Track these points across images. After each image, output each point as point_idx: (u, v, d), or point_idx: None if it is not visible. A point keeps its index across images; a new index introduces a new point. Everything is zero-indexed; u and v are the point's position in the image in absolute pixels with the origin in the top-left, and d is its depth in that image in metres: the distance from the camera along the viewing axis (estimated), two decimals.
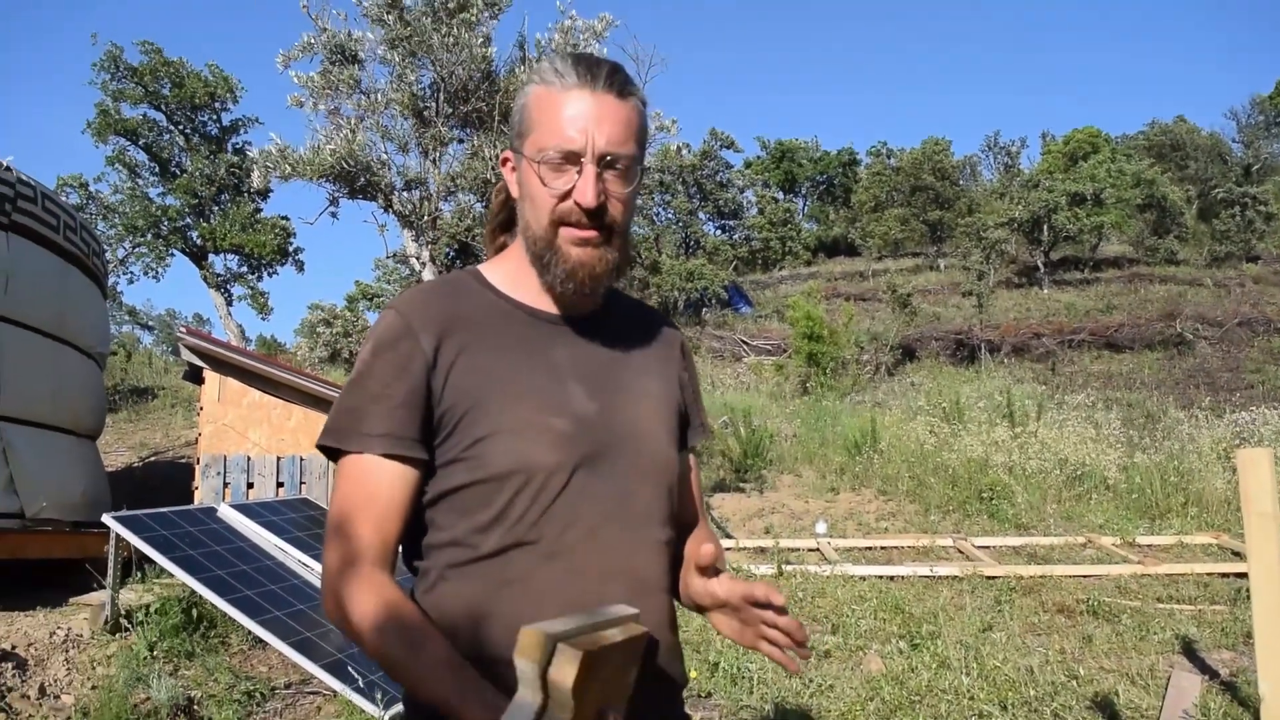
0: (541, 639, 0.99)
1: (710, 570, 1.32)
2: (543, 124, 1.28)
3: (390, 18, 9.84)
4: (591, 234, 1.29)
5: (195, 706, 4.44)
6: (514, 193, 1.38)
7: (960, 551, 8.29)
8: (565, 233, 1.29)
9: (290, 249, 25.53)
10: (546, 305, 1.38)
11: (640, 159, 1.33)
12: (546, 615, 1.20)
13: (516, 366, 1.30)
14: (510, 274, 1.40)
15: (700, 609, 1.40)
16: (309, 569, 5.58)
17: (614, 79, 1.29)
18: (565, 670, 0.98)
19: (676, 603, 1.44)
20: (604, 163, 1.27)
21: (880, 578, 7.26)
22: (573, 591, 1.24)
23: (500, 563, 1.25)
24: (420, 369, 1.26)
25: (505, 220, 1.50)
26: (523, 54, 10.89)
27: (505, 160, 1.40)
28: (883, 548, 8.60)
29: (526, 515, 1.24)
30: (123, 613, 5.22)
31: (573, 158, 1.26)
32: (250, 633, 4.80)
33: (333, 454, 1.30)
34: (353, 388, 1.29)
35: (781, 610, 1.24)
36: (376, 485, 1.25)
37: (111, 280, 22.00)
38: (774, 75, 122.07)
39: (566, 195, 1.27)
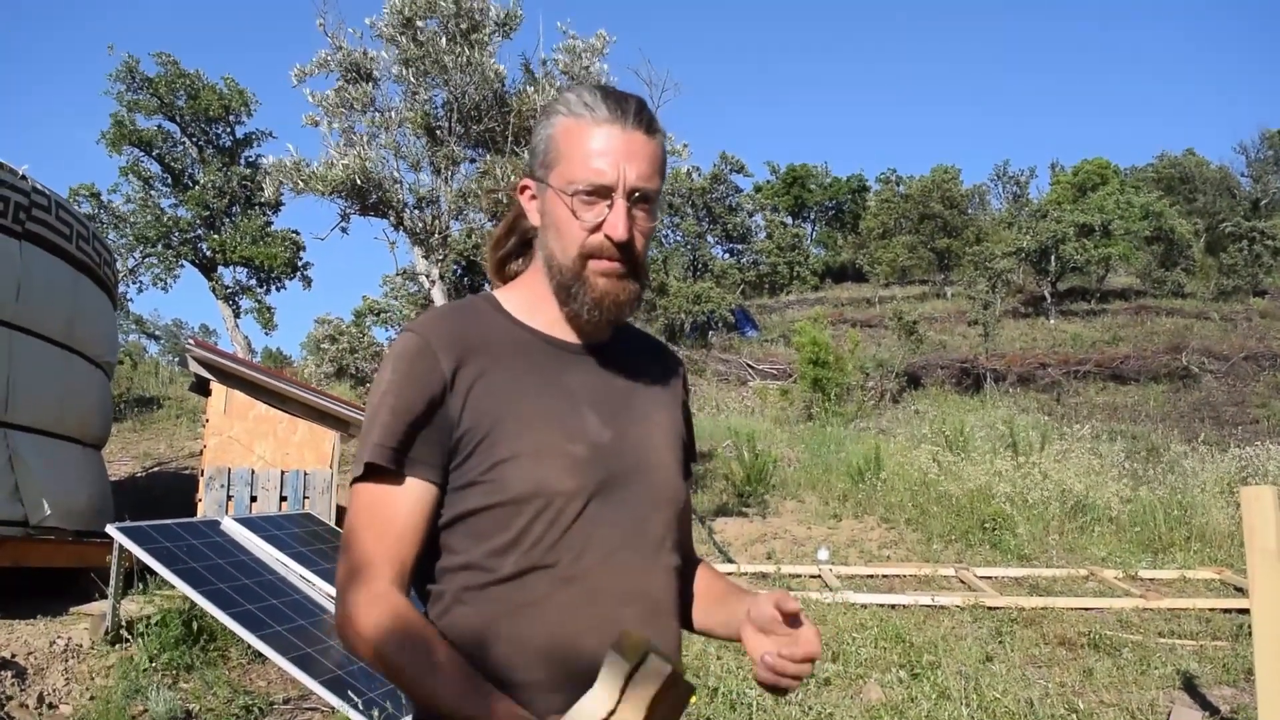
0: (643, 642, 1.00)
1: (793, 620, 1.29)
2: (573, 156, 1.30)
3: (404, 38, 9.92)
4: (619, 267, 1.31)
5: None
6: (534, 221, 1.39)
7: (962, 581, 8.27)
8: (594, 264, 1.31)
9: (300, 263, 25.62)
10: (560, 333, 1.39)
11: (660, 192, 1.36)
12: (563, 639, 1.23)
13: (533, 392, 1.32)
14: (525, 301, 1.41)
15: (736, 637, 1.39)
16: (311, 584, 5.58)
17: (642, 116, 1.32)
18: (650, 681, 0.99)
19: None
20: (633, 197, 1.30)
21: (881, 606, 7.25)
22: (589, 615, 1.26)
23: (516, 586, 1.25)
24: (439, 387, 1.27)
25: (514, 247, 1.51)
26: (530, 75, 10.95)
27: (524, 188, 1.41)
28: (884, 576, 8.58)
29: (544, 539, 1.25)
30: (123, 623, 5.23)
31: (604, 191, 1.28)
32: (250, 647, 4.81)
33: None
34: (373, 411, 1.29)
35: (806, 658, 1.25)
36: (390, 506, 1.26)
37: (120, 290, 22.06)
38: (785, 100, 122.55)
39: (596, 228, 1.29)
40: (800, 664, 1.24)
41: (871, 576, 8.57)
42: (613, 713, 0.99)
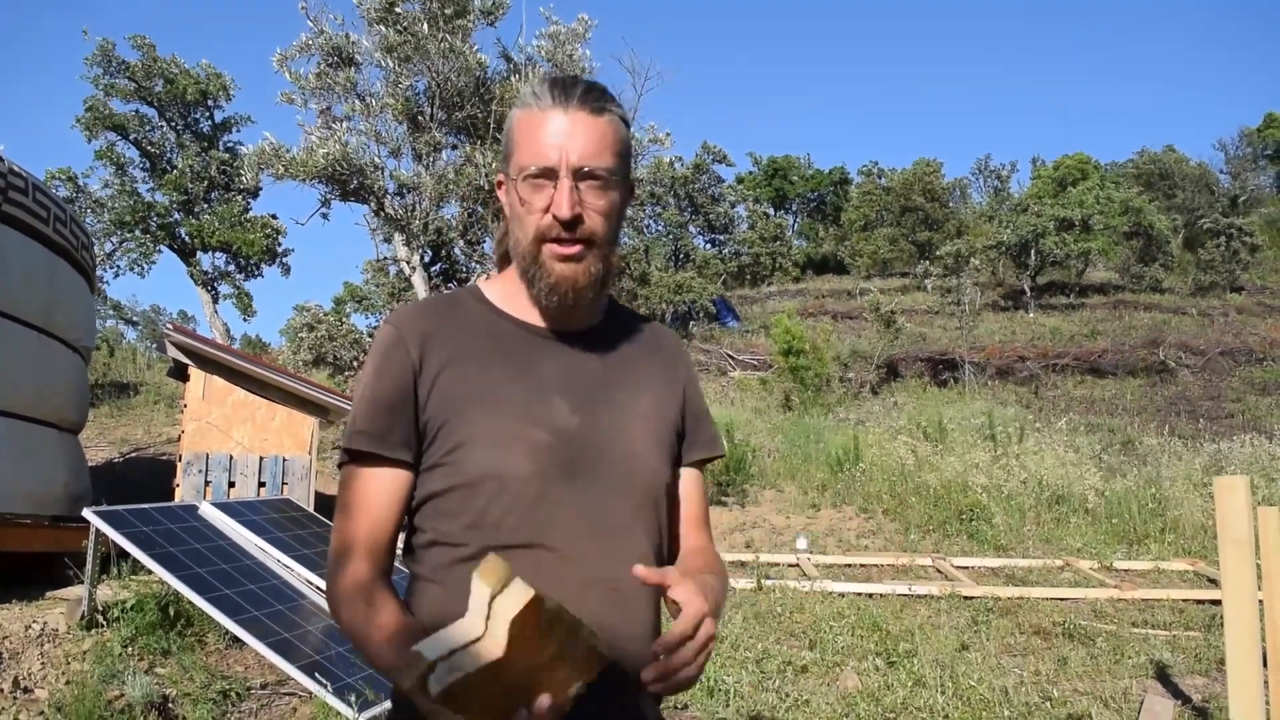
0: (502, 566, 1.01)
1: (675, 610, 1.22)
2: (522, 145, 1.34)
3: (386, 26, 9.85)
4: (572, 249, 1.33)
5: (169, 704, 4.42)
6: (506, 213, 1.42)
7: (939, 571, 8.32)
8: (548, 248, 1.33)
9: (279, 249, 25.42)
10: (539, 320, 1.42)
11: (620, 171, 1.36)
12: None
13: (500, 377, 1.35)
14: (507, 290, 1.44)
15: None
16: (289, 570, 5.56)
17: (588, 96, 1.34)
18: (511, 602, 0.99)
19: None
20: (579, 175, 1.31)
21: (859, 595, 7.29)
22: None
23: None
24: (408, 375, 1.33)
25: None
26: (511, 63, 10.89)
27: (500, 183, 1.44)
28: (862, 565, 8.63)
29: (504, 521, 1.28)
30: (99, 608, 5.19)
31: (549, 174, 1.31)
32: (227, 632, 4.79)
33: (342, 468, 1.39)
34: (356, 401, 1.37)
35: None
36: (369, 489, 1.33)
37: (98, 274, 21.80)
38: (769, 91, 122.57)
39: (546, 210, 1.31)
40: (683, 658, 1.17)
41: (849, 566, 8.62)
42: (480, 638, 0.99)
